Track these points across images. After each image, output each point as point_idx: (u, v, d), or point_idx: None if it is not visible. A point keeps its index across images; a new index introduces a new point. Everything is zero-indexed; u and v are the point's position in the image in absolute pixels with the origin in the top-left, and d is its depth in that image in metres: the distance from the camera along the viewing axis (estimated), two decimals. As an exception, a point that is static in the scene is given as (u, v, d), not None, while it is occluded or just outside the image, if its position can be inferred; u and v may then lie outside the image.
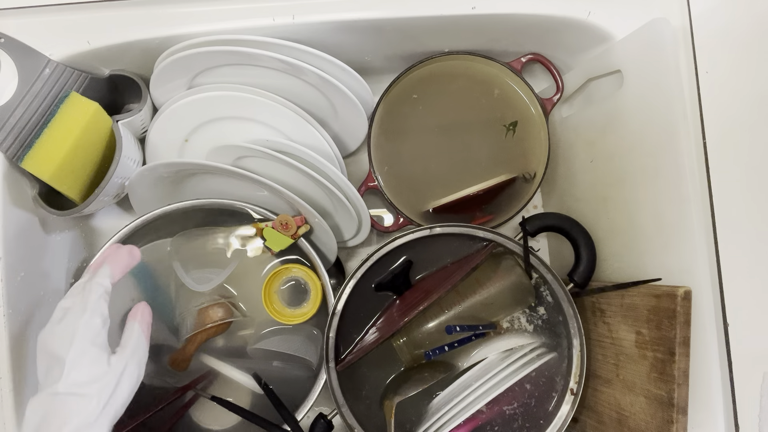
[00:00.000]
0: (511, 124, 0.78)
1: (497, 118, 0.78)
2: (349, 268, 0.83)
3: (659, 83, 0.59)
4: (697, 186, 0.57)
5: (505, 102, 0.78)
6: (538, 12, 0.66)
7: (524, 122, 0.78)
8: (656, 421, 0.56)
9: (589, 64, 0.71)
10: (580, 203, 0.76)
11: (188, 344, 0.69)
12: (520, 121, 0.78)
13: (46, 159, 0.62)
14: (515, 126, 0.78)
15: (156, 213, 0.69)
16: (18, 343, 0.61)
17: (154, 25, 0.64)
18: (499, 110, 0.78)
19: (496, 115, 0.79)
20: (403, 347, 0.68)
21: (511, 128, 0.77)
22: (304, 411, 0.67)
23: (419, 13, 0.65)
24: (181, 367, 0.69)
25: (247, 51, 0.63)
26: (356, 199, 0.71)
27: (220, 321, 0.70)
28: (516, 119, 0.78)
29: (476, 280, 0.68)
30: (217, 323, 0.70)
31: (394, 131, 0.78)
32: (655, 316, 0.57)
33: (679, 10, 0.61)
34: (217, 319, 0.70)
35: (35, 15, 0.63)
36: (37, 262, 0.67)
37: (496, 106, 0.78)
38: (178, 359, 0.69)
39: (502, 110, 0.78)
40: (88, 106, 0.64)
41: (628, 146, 0.65)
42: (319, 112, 0.73)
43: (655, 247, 0.62)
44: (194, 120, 0.71)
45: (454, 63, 0.77)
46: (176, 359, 0.69)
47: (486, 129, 0.79)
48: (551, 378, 0.68)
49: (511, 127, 0.77)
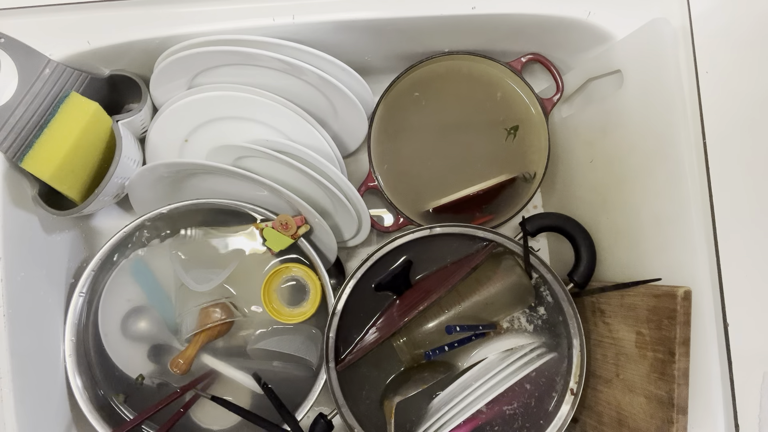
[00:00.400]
0: (512, 128, 0.78)
1: (497, 119, 0.78)
2: (349, 268, 0.83)
3: (659, 83, 0.59)
4: (697, 186, 0.57)
5: (505, 102, 0.78)
6: (538, 12, 0.66)
7: (524, 122, 0.78)
8: (656, 421, 0.56)
9: (589, 64, 0.71)
10: (580, 203, 0.76)
11: (189, 347, 0.69)
12: (520, 122, 0.78)
13: (46, 159, 0.62)
14: (516, 130, 0.78)
15: (156, 213, 0.69)
16: (18, 343, 0.61)
17: (154, 25, 0.64)
18: (499, 110, 0.78)
19: (496, 116, 0.78)
20: (403, 347, 0.68)
21: (511, 132, 0.78)
22: (304, 411, 0.67)
23: (419, 13, 0.65)
24: (182, 370, 0.69)
25: (247, 51, 0.63)
26: (356, 199, 0.71)
27: (220, 321, 0.70)
28: (516, 121, 0.78)
29: (476, 280, 0.68)
30: (218, 323, 0.70)
31: (394, 131, 0.78)
32: (655, 316, 0.57)
33: (679, 10, 0.61)
34: (217, 320, 0.70)
35: (35, 15, 0.63)
36: (37, 262, 0.67)
37: (496, 106, 0.78)
38: (180, 362, 0.69)
39: (502, 110, 0.78)
40: (88, 106, 0.64)
41: (628, 146, 0.65)
42: (319, 112, 0.73)
43: (655, 247, 0.62)
44: (194, 120, 0.71)
45: (454, 63, 0.77)
46: (177, 362, 0.69)
47: (486, 129, 0.79)
48: (551, 378, 0.68)
49: (511, 131, 0.78)
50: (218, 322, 0.70)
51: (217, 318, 0.70)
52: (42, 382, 0.65)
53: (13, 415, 0.60)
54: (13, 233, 0.62)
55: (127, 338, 0.71)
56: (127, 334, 0.72)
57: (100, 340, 0.71)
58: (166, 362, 0.70)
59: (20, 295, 0.63)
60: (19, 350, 0.61)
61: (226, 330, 0.71)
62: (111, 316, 0.71)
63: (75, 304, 0.68)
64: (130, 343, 0.71)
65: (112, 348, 0.71)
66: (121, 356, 0.71)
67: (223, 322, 0.70)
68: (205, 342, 0.70)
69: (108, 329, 0.71)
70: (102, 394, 0.70)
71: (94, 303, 0.71)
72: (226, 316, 0.70)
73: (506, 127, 0.78)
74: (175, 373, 0.68)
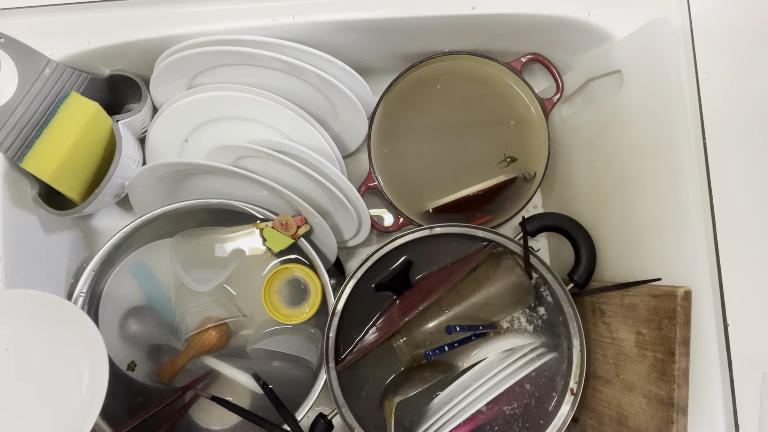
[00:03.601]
0: (512, 128, 0.78)
1: (497, 119, 0.78)
2: (349, 268, 0.83)
3: (659, 83, 0.59)
4: (697, 186, 0.57)
5: (505, 102, 0.78)
6: (538, 12, 0.66)
7: (524, 122, 0.78)
8: (656, 421, 0.56)
9: (589, 64, 0.71)
10: (580, 203, 0.76)
11: (179, 357, 0.69)
12: (520, 122, 0.78)
13: (46, 159, 0.62)
14: (516, 130, 0.77)
15: (156, 213, 0.69)
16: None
17: (154, 25, 0.64)
18: (499, 110, 0.78)
19: (496, 116, 0.79)
20: (403, 347, 0.68)
21: (511, 132, 0.77)
22: (304, 411, 0.67)
23: (419, 13, 0.65)
24: (165, 378, 0.69)
25: (247, 51, 0.63)
26: (356, 199, 0.71)
27: (219, 321, 0.70)
28: (516, 121, 0.78)
29: (476, 280, 0.68)
30: (217, 323, 0.70)
31: (394, 131, 0.78)
32: (655, 316, 0.57)
33: (679, 10, 0.61)
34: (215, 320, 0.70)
35: (35, 15, 0.63)
36: (37, 262, 0.67)
37: (496, 106, 0.78)
38: (166, 371, 0.69)
39: (502, 110, 0.78)
40: (88, 106, 0.64)
41: (628, 146, 0.65)
42: (319, 112, 0.73)
43: (655, 247, 0.62)
44: (194, 120, 0.71)
45: (454, 63, 0.77)
46: (164, 371, 0.69)
47: (486, 129, 0.79)
48: (551, 378, 0.68)
49: (512, 131, 0.77)
50: (218, 322, 0.70)
51: (214, 323, 0.70)
52: (42, 382, 0.65)
53: (13, 415, 0.60)
54: (13, 233, 0.62)
55: (126, 338, 0.71)
56: (127, 334, 0.72)
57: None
58: (154, 372, 0.70)
59: (20, 295, 0.63)
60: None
61: (219, 347, 0.71)
62: (111, 316, 0.71)
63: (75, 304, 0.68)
64: (130, 342, 0.71)
65: (111, 348, 0.71)
66: (121, 356, 0.71)
67: (219, 323, 0.70)
68: (196, 356, 0.70)
69: (108, 329, 0.71)
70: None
71: (94, 303, 0.71)
72: (222, 333, 0.70)
73: (506, 127, 0.78)
74: (159, 380, 0.69)
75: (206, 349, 0.69)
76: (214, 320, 0.70)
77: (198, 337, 0.69)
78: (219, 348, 0.71)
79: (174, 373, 0.69)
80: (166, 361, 0.70)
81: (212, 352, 0.70)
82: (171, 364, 0.69)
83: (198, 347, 0.69)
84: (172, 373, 0.69)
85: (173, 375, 0.69)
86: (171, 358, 0.70)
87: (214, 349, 0.70)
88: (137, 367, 0.71)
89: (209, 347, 0.69)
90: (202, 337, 0.69)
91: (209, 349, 0.70)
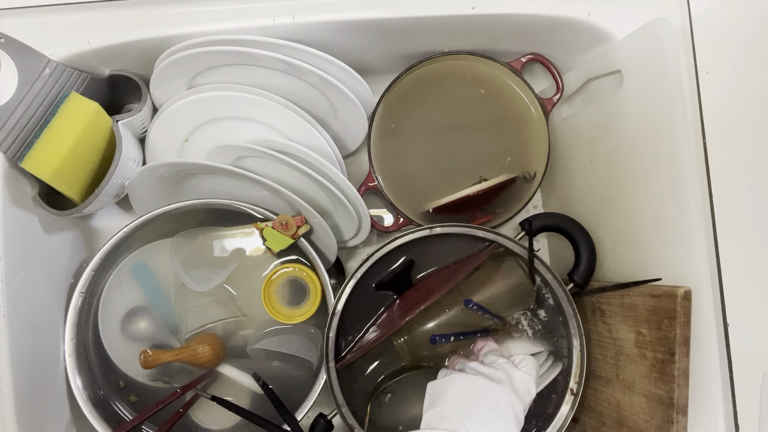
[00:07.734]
0: (512, 127, 0.78)
1: (497, 119, 0.78)
2: (349, 268, 0.83)
3: (659, 83, 0.59)
4: (697, 186, 0.57)
5: (505, 102, 0.78)
6: (538, 12, 0.66)
7: (524, 122, 0.78)
8: (656, 421, 0.56)
9: (589, 64, 0.71)
10: (580, 203, 0.76)
11: (167, 353, 0.69)
12: (520, 121, 0.78)
13: (46, 159, 0.62)
14: (516, 130, 0.77)
15: (156, 213, 0.69)
16: (18, 343, 0.61)
17: (154, 25, 0.64)
18: (499, 110, 0.78)
19: (496, 116, 0.78)
20: (403, 346, 0.67)
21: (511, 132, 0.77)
22: (304, 411, 0.67)
23: (419, 13, 0.65)
24: (146, 365, 0.68)
25: (247, 51, 0.63)
26: (356, 199, 0.71)
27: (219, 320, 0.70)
28: (516, 121, 0.78)
29: (477, 280, 0.68)
30: (209, 348, 0.70)
31: (394, 131, 0.78)
32: (655, 316, 0.57)
33: (679, 10, 0.61)
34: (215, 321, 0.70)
35: (35, 15, 0.63)
36: (37, 262, 0.67)
37: (496, 106, 0.78)
38: (149, 358, 0.68)
39: (502, 110, 0.78)
40: (88, 106, 0.64)
41: (628, 146, 0.65)
42: (319, 112, 0.73)
43: (655, 247, 0.62)
44: (194, 120, 0.71)
45: (454, 63, 0.77)
46: (148, 357, 0.68)
47: (486, 129, 0.79)
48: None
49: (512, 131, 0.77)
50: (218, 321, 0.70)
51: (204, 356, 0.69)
52: (42, 381, 0.65)
53: (13, 415, 0.60)
54: (13, 233, 0.62)
55: (127, 338, 0.71)
56: (127, 334, 0.72)
57: (100, 340, 0.71)
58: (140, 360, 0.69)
59: (20, 295, 0.63)
60: (19, 350, 0.61)
61: (208, 365, 0.70)
62: (111, 316, 0.71)
63: (75, 304, 0.68)
64: (130, 342, 0.71)
65: (111, 348, 0.71)
66: (121, 356, 0.71)
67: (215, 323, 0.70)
68: (184, 361, 0.69)
69: (108, 329, 0.71)
70: (102, 394, 0.70)
71: (94, 303, 0.71)
72: (220, 336, 0.70)
73: (506, 127, 0.78)
74: (141, 364, 0.68)
75: (195, 362, 0.69)
76: (216, 333, 0.70)
77: (194, 345, 0.69)
78: (208, 366, 0.70)
79: (155, 363, 0.68)
80: (154, 349, 0.69)
81: (200, 367, 0.70)
82: (156, 354, 0.68)
83: (189, 354, 0.68)
84: (153, 362, 0.68)
85: (153, 365, 0.68)
86: (160, 350, 0.69)
87: (203, 366, 0.70)
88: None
89: (199, 361, 0.69)
90: (197, 347, 0.69)
91: (198, 363, 0.69)
